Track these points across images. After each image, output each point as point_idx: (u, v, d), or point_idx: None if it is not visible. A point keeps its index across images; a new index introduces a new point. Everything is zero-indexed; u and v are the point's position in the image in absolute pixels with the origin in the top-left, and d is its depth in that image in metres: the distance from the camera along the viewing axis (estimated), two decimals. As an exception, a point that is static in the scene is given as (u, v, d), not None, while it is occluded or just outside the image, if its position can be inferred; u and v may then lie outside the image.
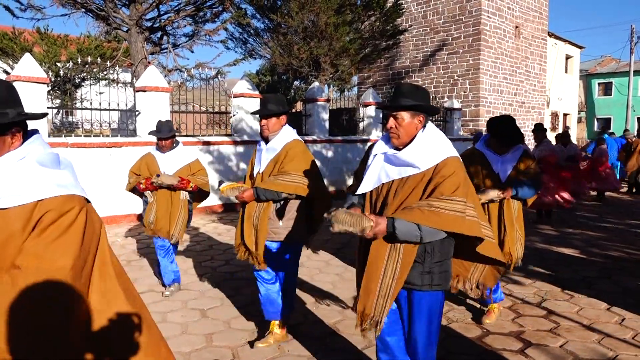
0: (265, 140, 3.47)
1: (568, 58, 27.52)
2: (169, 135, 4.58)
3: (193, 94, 10.54)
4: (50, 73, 12.59)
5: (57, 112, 12.33)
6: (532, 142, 11.81)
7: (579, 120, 33.29)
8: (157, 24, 11.70)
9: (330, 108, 13.19)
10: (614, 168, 12.64)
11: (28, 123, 1.58)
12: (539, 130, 8.54)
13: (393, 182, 2.31)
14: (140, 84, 8.89)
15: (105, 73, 12.45)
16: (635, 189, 12.85)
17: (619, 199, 11.86)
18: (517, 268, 4.07)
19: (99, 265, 1.53)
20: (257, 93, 10.48)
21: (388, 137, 2.37)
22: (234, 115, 10.33)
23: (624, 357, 3.42)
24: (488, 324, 3.95)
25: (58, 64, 12.65)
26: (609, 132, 13.86)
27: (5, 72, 13.93)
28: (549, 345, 3.60)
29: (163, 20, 11.69)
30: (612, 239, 7.21)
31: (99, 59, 12.14)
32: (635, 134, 16.83)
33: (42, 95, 7.65)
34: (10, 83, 1.58)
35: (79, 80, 14.17)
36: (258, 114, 3.47)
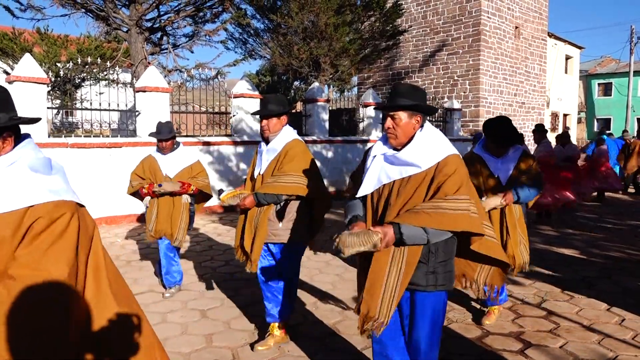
0: (266, 141, 3.44)
1: (568, 58, 27.54)
2: (169, 137, 4.57)
3: (193, 95, 10.54)
4: (50, 73, 12.59)
5: (57, 112, 12.32)
6: (532, 142, 11.80)
7: (579, 121, 33.30)
8: (157, 25, 11.70)
9: (330, 108, 13.20)
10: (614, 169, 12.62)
11: (22, 127, 1.56)
12: (539, 131, 8.58)
13: (394, 182, 2.29)
14: (140, 85, 8.89)
15: (105, 73, 12.46)
16: (635, 190, 12.83)
17: (619, 200, 11.86)
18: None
19: (93, 270, 1.51)
20: (257, 93, 10.49)
21: (386, 138, 2.36)
22: (234, 116, 10.33)
23: (624, 357, 3.42)
24: (488, 325, 3.95)
25: (58, 65, 12.65)
26: (607, 132, 13.82)
27: (6, 72, 13.92)
28: (549, 346, 3.59)
29: (163, 21, 11.69)
30: (612, 240, 7.21)
31: (99, 60, 12.14)
32: (635, 135, 16.80)
33: (42, 96, 7.65)
34: (3, 87, 1.57)
35: (79, 81, 14.18)
36: (258, 115, 3.42)
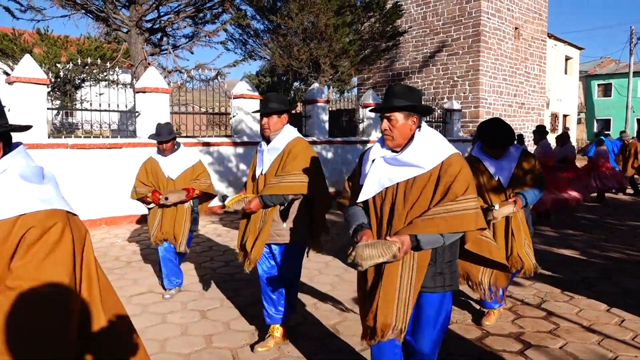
0: (267, 141, 3.39)
1: (568, 59, 27.56)
2: (170, 138, 4.54)
3: (193, 95, 10.55)
4: (50, 74, 12.59)
5: (57, 113, 12.33)
6: (532, 143, 11.81)
7: (579, 122, 33.31)
8: (157, 25, 11.71)
9: (330, 109, 13.20)
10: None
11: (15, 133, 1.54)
12: (539, 132, 8.64)
13: (398, 185, 2.26)
14: (140, 85, 8.90)
15: (105, 74, 12.48)
16: (634, 191, 12.81)
17: (619, 200, 11.86)
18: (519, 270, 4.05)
19: (86, 278, 1.50)
20: (256, 94, 10.49)
21: (384, 140, 2.34)
22: (234, 117, 10.33)
23: (624, 358, 3.41)
24: (488, 326, 3.95)
25: (58, 65, 12.67)
26: (605, 133, 13.79)
27: (6, 73, 13.92)
28: (549, 347, 3.59)
29: (163, 22, 11.70)
30: (612, 240, 7.21)
31: (99, 60, 12.14)
32: (635, 135, 16.78)
33: (42, 97, 7.65)
34: None
35: (79, 82, 14.18)
36: (259, 112, 3.37)
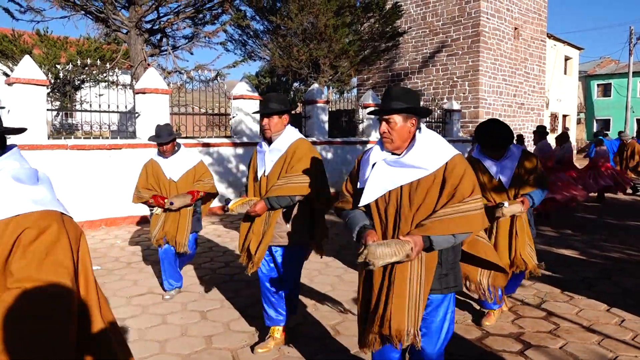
0: (268, 141, 3.34)
1: (567, 59, 27.57)
2: (170, 140, 4.49)
3: (192, 96, 10.55)
4: (50, 75, 12.60)
5: (56, 114, 12.33)
6: (532, 143, 11.82)
7: (578, 122, 33.33)
8: (156, 26, 11.72)
9: (330, 110, 13.20)
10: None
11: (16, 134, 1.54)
12: (539, 133, 8.68)
13: (402, 188, 2.24)
14: (140, 86, 8.90)
15: (105, 75, 12.49)
16: (632, 191, 12.81)
17: (619, 200, 11.86)
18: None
19: (83, 279, 1.50)
20: (256, 95, 10.49)
21: (382, 143, 2.32)
22: (234, 117, 10.33)
23: (624, 358, 3.41)
24: (488, 326, 3.95)
25: (58, 66, 12.67)
26: (604, 133, 13.77)
27: (5, 74, 13.93)
28: (549, 347, 3.59)
29: (162, 22, 11.71)
30: (612, 240, 7.21)
31: (99, 61, 12.14)
32: (635, 135, 16.76)
33: (41, 98, 7.65)
34: None
35: (79, 82, 14.16)
36: (259, 113, 3.32)
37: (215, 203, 9.66)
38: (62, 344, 1.35)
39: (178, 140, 4.78)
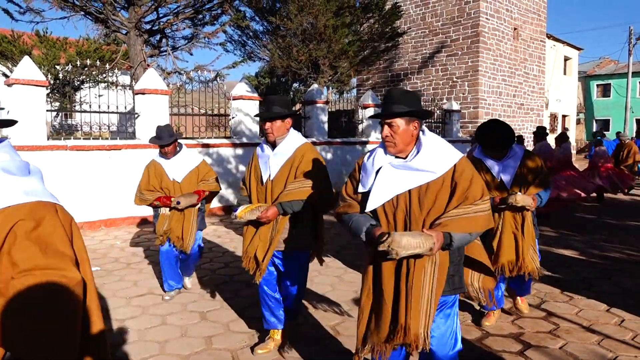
0: (272, 145, 3.26)
1: (567, 60, 27.58)
2: (171, 141, 4.46)
3: (192, 97, 10.54)
4: (50, 76, 12.59)
5: (56, 115, 12.31)
6: (532, 144, 11.82)
7: (578, 122, 33.35)
8: (156, 27, 11.72)
9: (329, 110, 13.20)
10: None
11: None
12: (538, 134, 8.71)
13: (410, 192, 2.22)
14: (140, 87, 8.90)
15: (105, 76, 12.47)
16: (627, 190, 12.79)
17: (619, 200, 11.86)
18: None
19: (80, 264, 1.50)
20: (256, 95, 10.49)
21: (385, 146, 2.30)
22: (233, 118, 10.34)
23: (624, 358, 3.42)
24: (487, 326, 3.95)
25: (57, 67, 12.66)
26: (603, 133, 13.77)
27: (5, 75, 13.93)
28: (549, 347, 3.59)
29: (162, 23, 11.71)
30: (611, 240, 7.21)
31: (98, 62, 12.16)
32: (635, 136, 16.76)
33: (41, 98, 7.65)
34: None
35: (78, 83, 14.15)
36: (262, 117, 3.22)
37: (215, 203, 9.67)
38: (73, 326, 1.35)
39: (179, 141, 4.76)
